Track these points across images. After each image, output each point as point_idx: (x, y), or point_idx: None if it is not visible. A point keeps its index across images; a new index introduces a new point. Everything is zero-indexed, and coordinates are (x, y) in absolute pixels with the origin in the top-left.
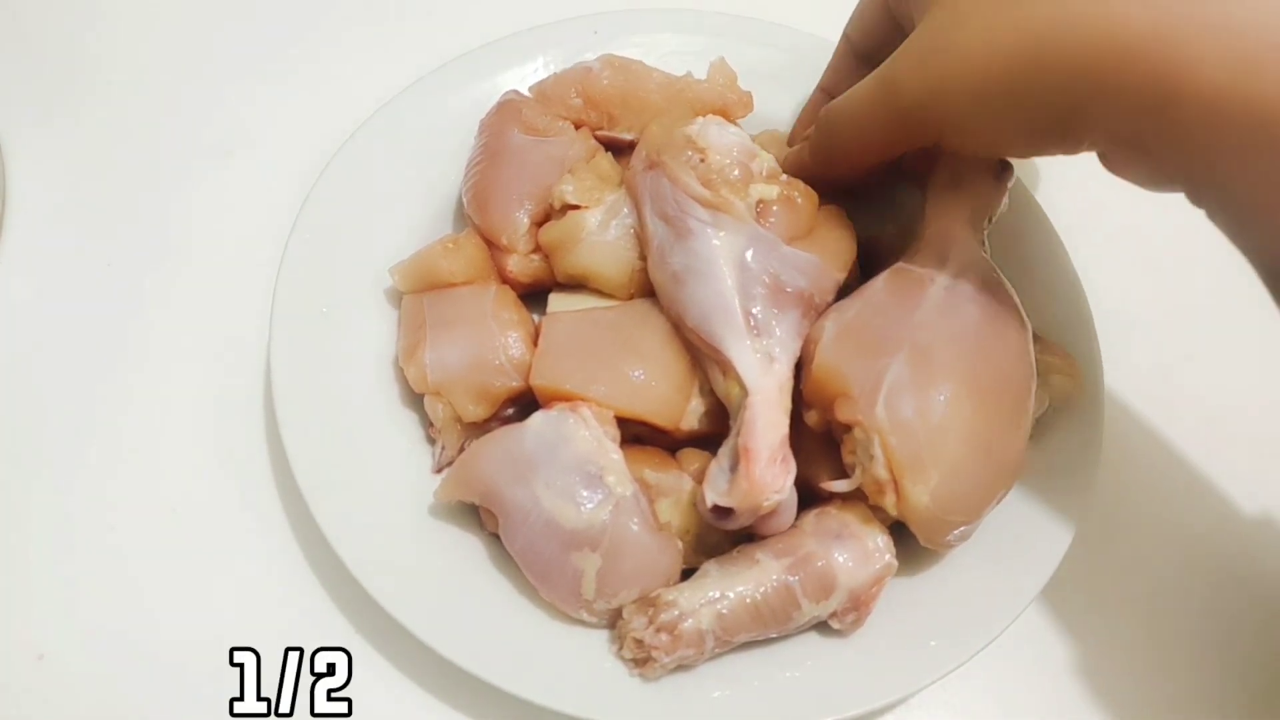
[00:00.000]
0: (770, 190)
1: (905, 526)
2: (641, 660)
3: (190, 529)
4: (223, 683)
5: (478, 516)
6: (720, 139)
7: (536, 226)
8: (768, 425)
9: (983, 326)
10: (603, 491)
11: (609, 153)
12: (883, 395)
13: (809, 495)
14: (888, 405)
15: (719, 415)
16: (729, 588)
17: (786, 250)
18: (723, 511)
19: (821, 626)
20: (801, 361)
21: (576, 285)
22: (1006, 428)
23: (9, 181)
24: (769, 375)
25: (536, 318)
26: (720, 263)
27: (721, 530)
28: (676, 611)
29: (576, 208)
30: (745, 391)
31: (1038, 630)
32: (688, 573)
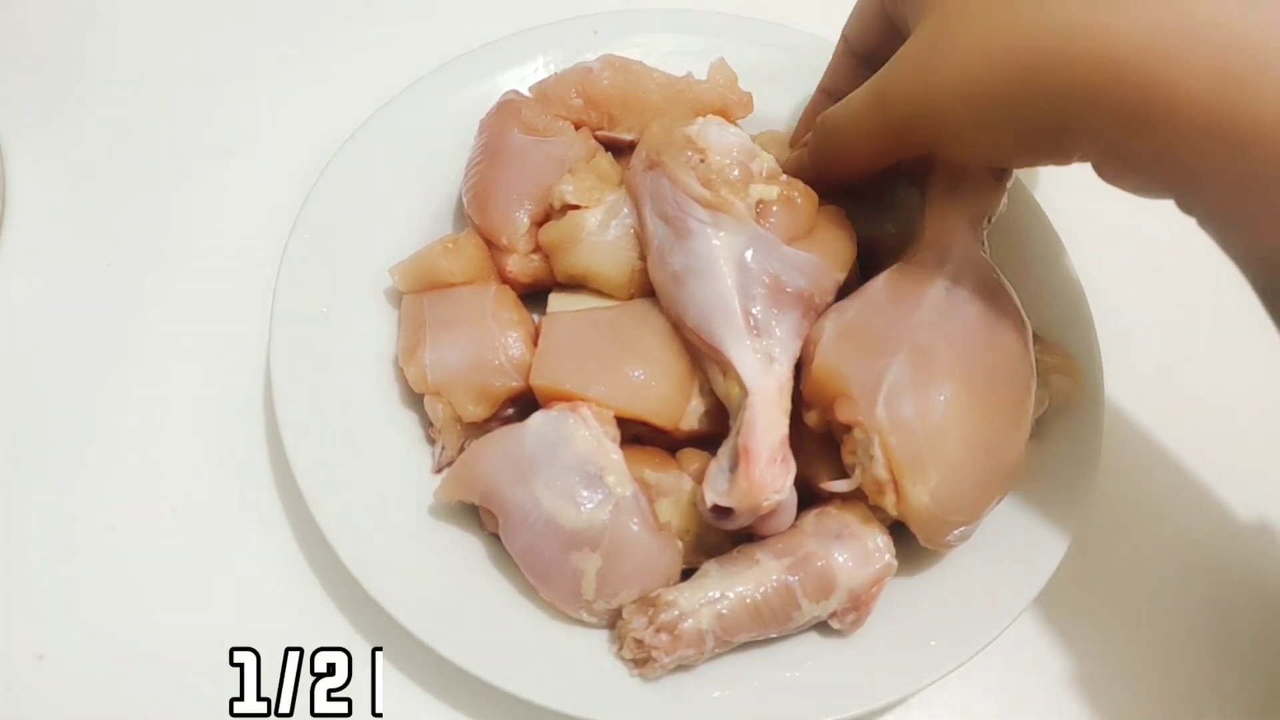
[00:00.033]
0: (770, 190)
1: (905, 526)
2: (641, 660)
3: (190, 529)
4: (223, 683)
5: (478, 516)
6: (720, 139)
7: (536, 226)
8: (767, 425)
9: (983, 326)
10: (603, 491)
11: (609, 153)
12: (883, 395)
13: (809, 495)
14: (888, 405)
15: (719, 415)
16: (729, 588)
17: (786, 250)
18: (722, 511)
19: (821, 626)
20: (801, 361)
21: (576, 285)
22: (1006, 428)
23: (9, 181)
24: (769, 375)
25: (536, 318)
26: (720, 263)
27: (721, 530)
28: (676, 611)
29: (576, 208)
30: (745, 391)
31: (1038, 630)
32: (688, 573)
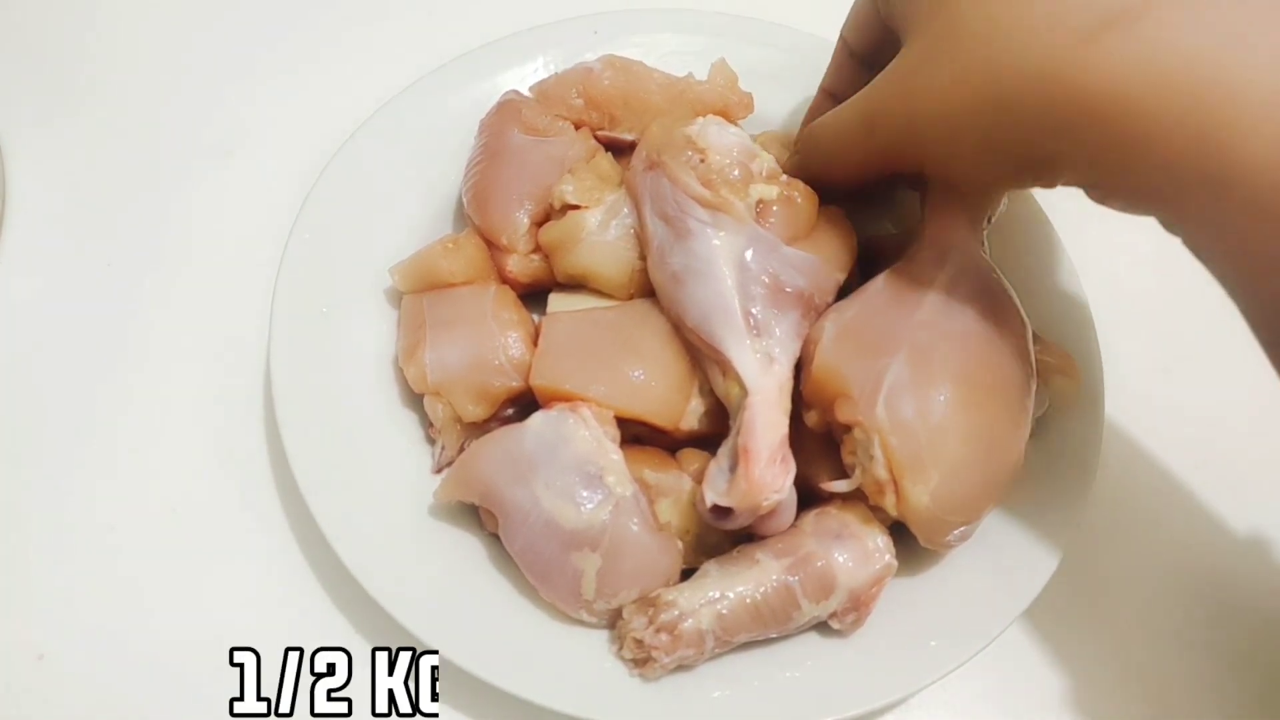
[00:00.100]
0: (770, 190)
1: (905, 526)
2: (641, 660)
3: (190, 529)
4: (223, 683)
5: (478, 516)
6: (720, 139)
7: (536, 226)
8: (767, 425)
9: (983, 326)
10: (603, 491)
11: (609, 153)
12: (883, 395)
13: (809, 495)
14: (888, 405)
15: (719, 415)
16: (729, 588)
17: (786, 250)
18: (722, 511)
19: (821, 626)
20: (801, 361)
21: (576, 285)
22: (1006, 428)
23: (9, 181)
24: (769, 375)
25: (536, 318)
26: (720, 263)
27: (721, 530)
28: (676, 611)
29: (576, 208)
30: (745, 391)
31: (1037, 630)
32: (688, 573)
